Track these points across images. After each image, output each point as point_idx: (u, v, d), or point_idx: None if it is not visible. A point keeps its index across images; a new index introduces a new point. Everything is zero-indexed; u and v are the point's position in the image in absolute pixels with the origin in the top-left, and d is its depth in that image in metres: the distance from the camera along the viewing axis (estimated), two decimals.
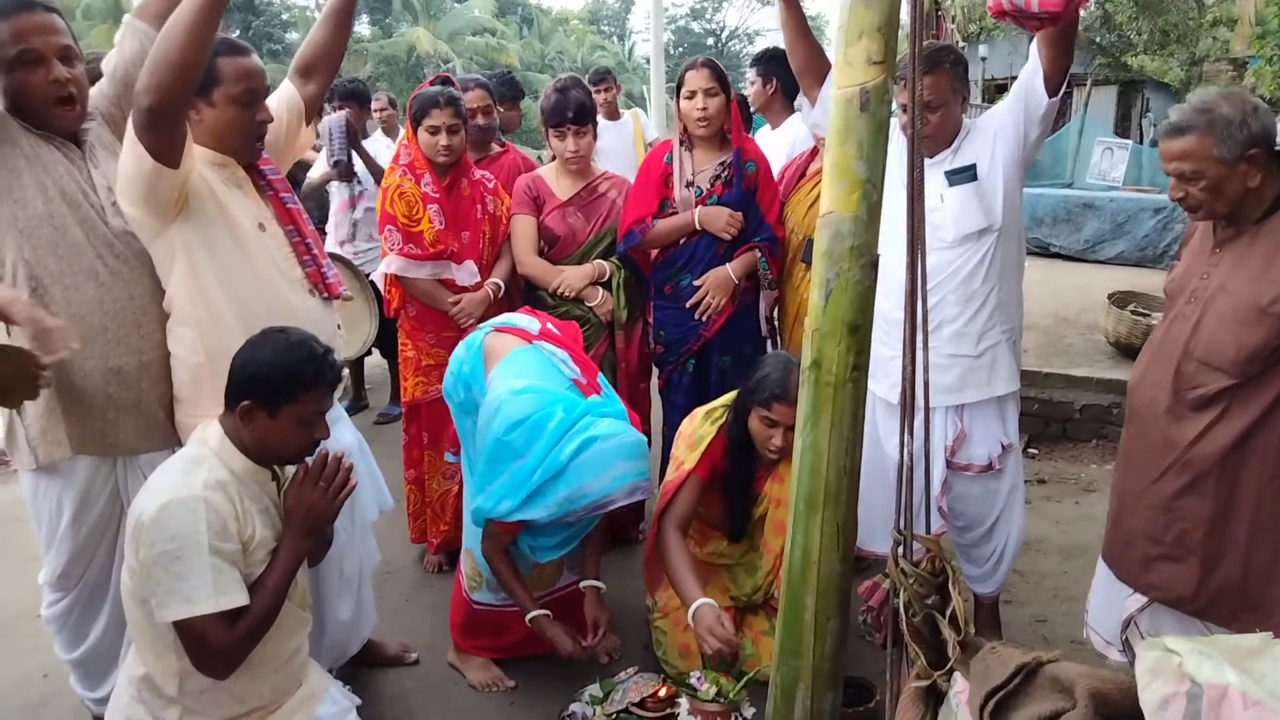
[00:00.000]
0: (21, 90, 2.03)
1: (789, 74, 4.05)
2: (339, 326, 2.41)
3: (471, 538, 2.65)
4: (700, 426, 2.59)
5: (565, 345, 2.61)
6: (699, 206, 3.06)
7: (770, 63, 3.97)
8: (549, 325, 2.67)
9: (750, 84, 4.07)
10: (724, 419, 2.56)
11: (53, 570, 2.24)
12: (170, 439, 2.21)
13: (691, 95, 3.02)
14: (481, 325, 2.69)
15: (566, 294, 3.19)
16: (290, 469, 2.03)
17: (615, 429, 2.31)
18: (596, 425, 2.28)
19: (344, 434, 2.44)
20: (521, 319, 2.68)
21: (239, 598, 1.77)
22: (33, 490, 2.20)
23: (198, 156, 2.12)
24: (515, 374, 2.42)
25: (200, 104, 2.10)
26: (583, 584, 2.64)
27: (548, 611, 2.53)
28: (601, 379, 2.60)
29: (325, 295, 2.32)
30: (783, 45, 2.91)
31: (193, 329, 2.14)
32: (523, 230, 3.24)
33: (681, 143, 3.13)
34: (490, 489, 2.33)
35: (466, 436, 2.64)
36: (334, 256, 3.74)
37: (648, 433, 3.44)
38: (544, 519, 2.27)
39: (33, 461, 2.13)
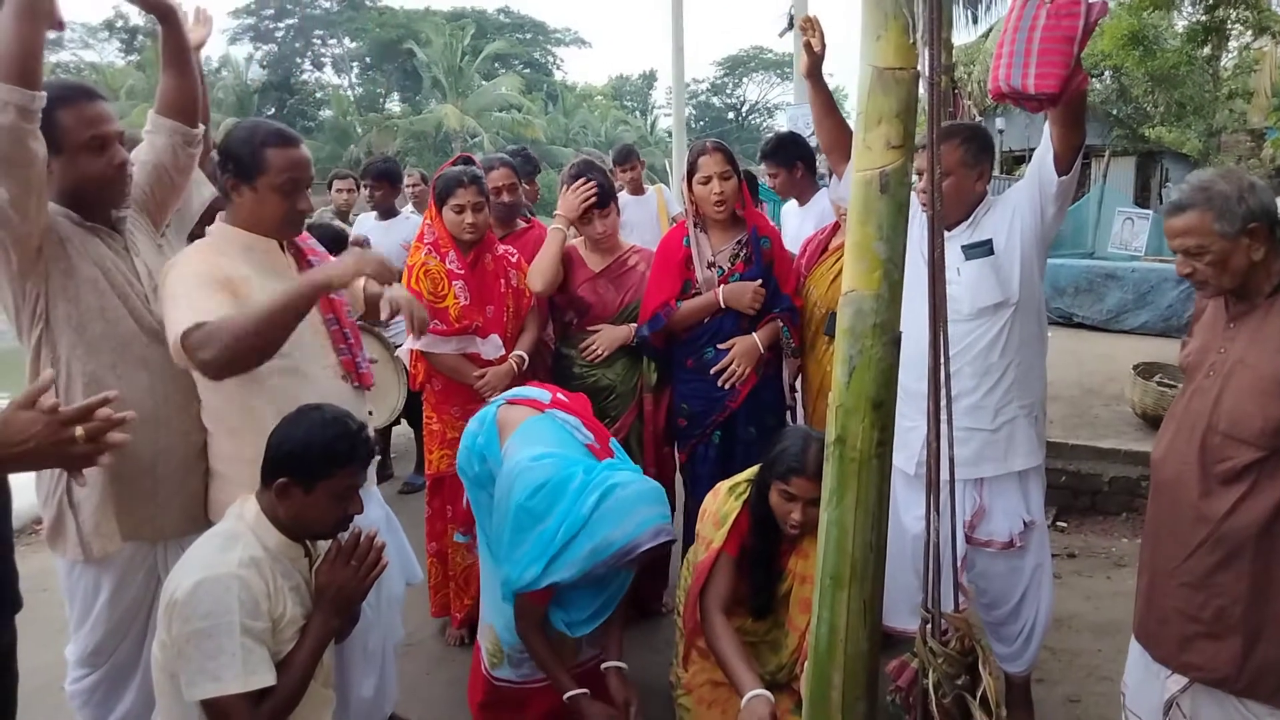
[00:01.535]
0: (85, 175, 2.09)
1: (806, 151, 4.17)
2: (370, 413, 2.45)
3: (492, 613, 2.63)
4: (725, 503, 2.58)
5: (577, 412, 2.65)
6: (723, 285, 3.10)
7: (788, 149, 4.08)
8: (559, 395, 2.71)
9: (771, 176, 4.17)
10: (747, 494, 2.56)
11: (84, 647, 2.23)
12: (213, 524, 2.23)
13: (707, 180, 3.07)
14: (493, 400, 2.72)
15: (604, 353, 3.23)
16: (323, 545, 2.05)
17: (633, 477, 2.34)
18: (615, 475, 2.31)
19: (373, 509, 2.46)
20: (533, 391, 2.72)
21: (267, 678, 1.77)
22: (68, 569, 2.21)
23: (234, 240, 2.19)
24: (531, 442, 2.45)
25: (243, 187, 2.17)
26: (604, 665, 2.59)
27: (586, 690, 2.49)
28: (615, 444, 2.62)
29: (357, 384, 2.36)
30: (786, 129, 2.98)
31: (226, 407, 2.19)
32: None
33: (695, 225, 3.18)
34: (515, 558, 2.33)
35: (481, 511, 2.64)
36: (364, 329, 3.81)
37: (672, 500, 3.43)
38: (571, 576, 2.26)
39: (84, 555, 2.14)
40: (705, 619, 2.49)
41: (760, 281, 3.10)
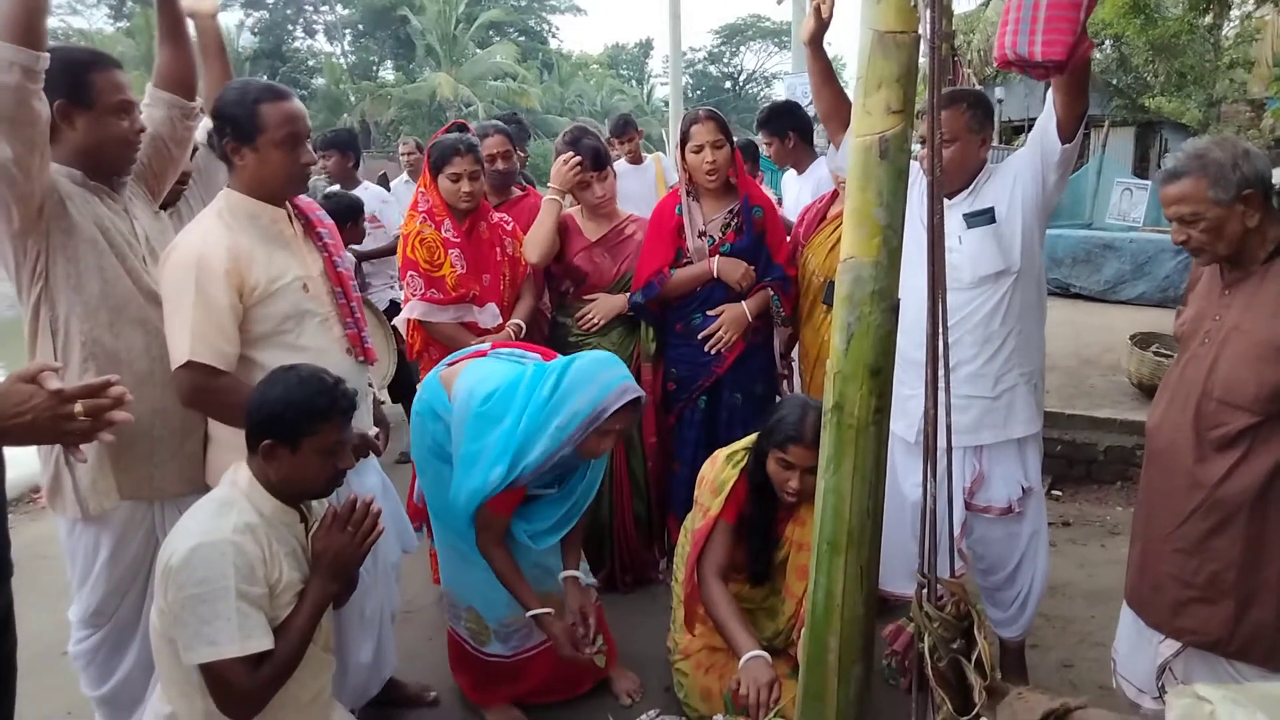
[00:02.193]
0: (111, 135, 2.15)
1: (799, 121, 4.16)
2: (371, 385, 2.48)
3: (468, 595, 2.62)
4: (722, 471, 2.60)
5: (518, 345, 2.67)
6: (717, 257, 3.12)
7: (781, 119, 4.08)
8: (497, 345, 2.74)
9: (767, 145, 4.18)
10: (745, 462, 2.57)
11: (85, 607, 2.26)
12: (210, 483, 2.24)
13: (699, 149, 3.07)
14: (435, 368, 2.70)
15: (600, 322, 3.25)
16: (318, 509, 2.05)
17: (587, 352, 2.37)
18: (566, 358, 2.34)
19: (369, 476, 2.47)
20: (470, 349, 2.71)
21: (264, 642, 1.78)
22: (69, 529, 2.24)
23: (240, 208, 2.19)
24: (478, 372, 2.45)
25: (243, 149, 2.16)
26: (563, 575, 2.58)
27: (550, 610, 2.47)
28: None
29: (361, 358, 2.37)
30: (781, 99, 2.96)
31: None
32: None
33: (688, 193, 3.18)
34: (478, 466, 2.31)
35: (441, 486, 2.54)
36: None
37: (670, 464, 3.44)
38: (539, 459, 2.26)
39: (81, 512, 2.16)
40: (703, 584, 2.51)
41: (752, 267, 3.13)
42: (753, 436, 2.60)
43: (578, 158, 3.20)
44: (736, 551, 2.61)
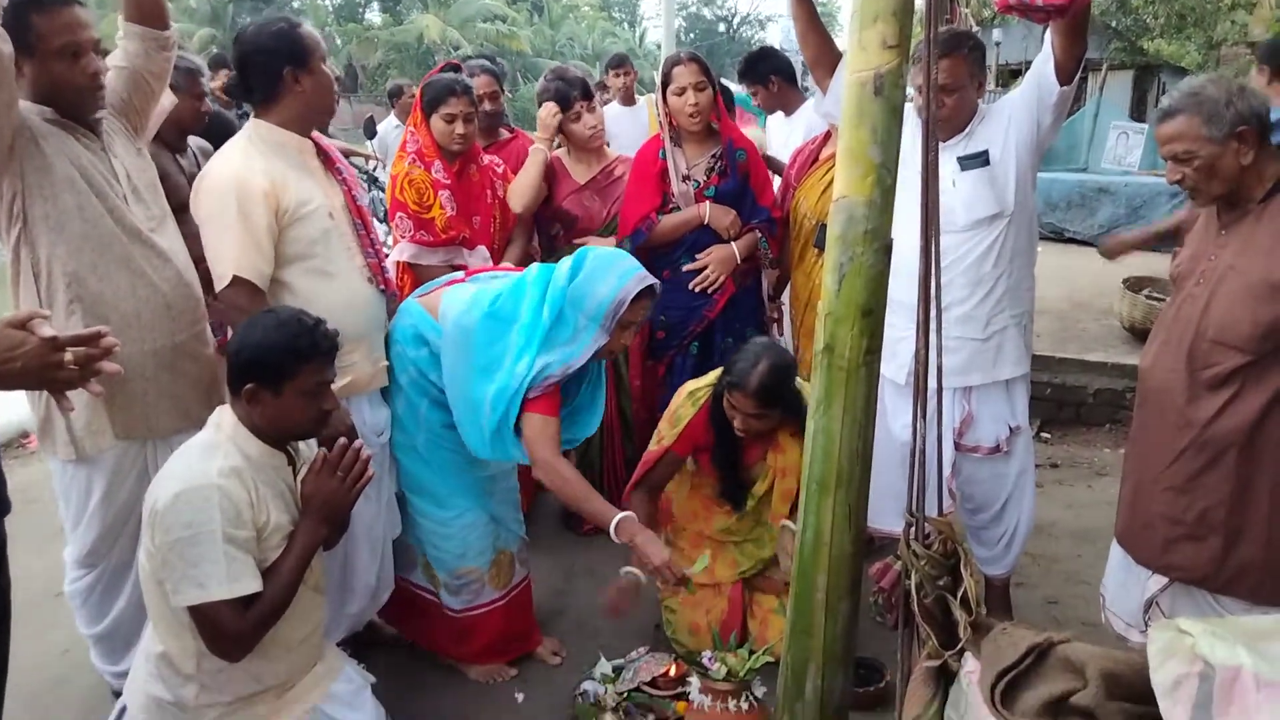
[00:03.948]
0: (58, 81, 2.08)
1: (778, 64, 4.12)
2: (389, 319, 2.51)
3: (422, 546, 2.58)
4: (682, 406, 2.66)
5: (490, 269, 2.69)
6: (708, 203, 3.09)
7: (758, 65, 4.04)
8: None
9: (752, 95, 4.14)
10: (705, 399, 2.61)
11: (80, 547, 2.28)
12: (203, 419, 2.25)
13: (681, 91, 3.03)
14: (410, 295, 2.65)
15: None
16: (306, 452, 2.05)
17: (594, 246, 2.41)
18: (579, 250, 2.37)
19: (382, 407, 2.50)
20: (443, 280, 2.65)
21: (252, 584, 1.79)
22: (61, 471, 2.24)
23: (269, 137, 2.24)
24: (470, 289, 2.44)
25: (302, 76, 2.23)
26: None
27: (631, 514, 2.31)
28: None
29: (383, 288, 2.43)
30: (770, 44, 2.90)
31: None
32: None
33: (671, 138, 3.14)
34: (501, 370, 2.29)
35: (412, 420, 2.49)
36: None
37: (657, 406, 3.44)
38: (564, 357, 2.26)
39: (74, 453, 2.17)
40: (634, 495, 2.66)
41: (734, 215, 3.12)
42: (718, 372, 2.62)
43: (552, 103, 3.24)
44: (710, 479, 2.65)
